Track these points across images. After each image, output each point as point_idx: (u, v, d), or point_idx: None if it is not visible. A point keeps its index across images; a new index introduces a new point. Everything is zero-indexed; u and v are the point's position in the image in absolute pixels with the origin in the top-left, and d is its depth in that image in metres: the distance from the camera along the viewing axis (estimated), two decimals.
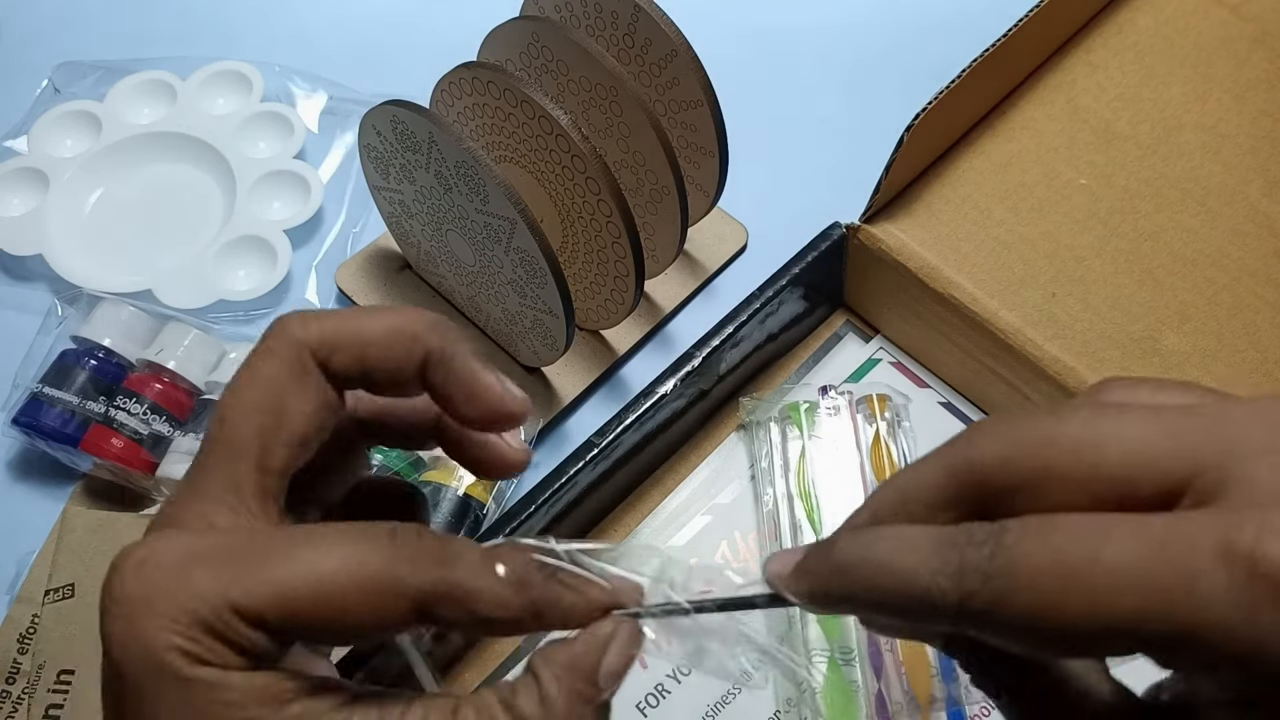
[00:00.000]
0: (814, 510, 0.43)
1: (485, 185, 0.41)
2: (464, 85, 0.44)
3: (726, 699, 0.42)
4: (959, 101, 0.45)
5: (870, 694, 0.39)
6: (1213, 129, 0.49)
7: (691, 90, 0.46)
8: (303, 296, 0.54)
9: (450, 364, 0.25)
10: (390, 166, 0.46)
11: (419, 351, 0.24)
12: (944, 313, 0.46)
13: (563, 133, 0.42)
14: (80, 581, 0.45)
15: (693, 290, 0.54)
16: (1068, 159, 0.48)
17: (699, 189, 0.49)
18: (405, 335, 0.24)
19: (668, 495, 0.47)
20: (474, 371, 0.25)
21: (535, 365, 0.50)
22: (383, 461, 0.44)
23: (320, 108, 0.60)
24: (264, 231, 0.54)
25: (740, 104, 0.50)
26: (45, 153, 0.56)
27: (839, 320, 0.51)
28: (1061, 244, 0.46)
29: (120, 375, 0.47)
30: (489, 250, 0.45)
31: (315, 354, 0.24)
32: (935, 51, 0.51)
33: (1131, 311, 0.44)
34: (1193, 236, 0.46)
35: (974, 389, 0.48)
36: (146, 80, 0.59)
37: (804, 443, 0.44)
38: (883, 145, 0.43)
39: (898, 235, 0.46)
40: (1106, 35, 0.52)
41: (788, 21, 0.63)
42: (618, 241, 0.44)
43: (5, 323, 0.53)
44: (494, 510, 0.45)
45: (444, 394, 0.25)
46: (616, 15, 0.45)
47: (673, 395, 0.44)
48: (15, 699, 0.43)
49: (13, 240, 0.54)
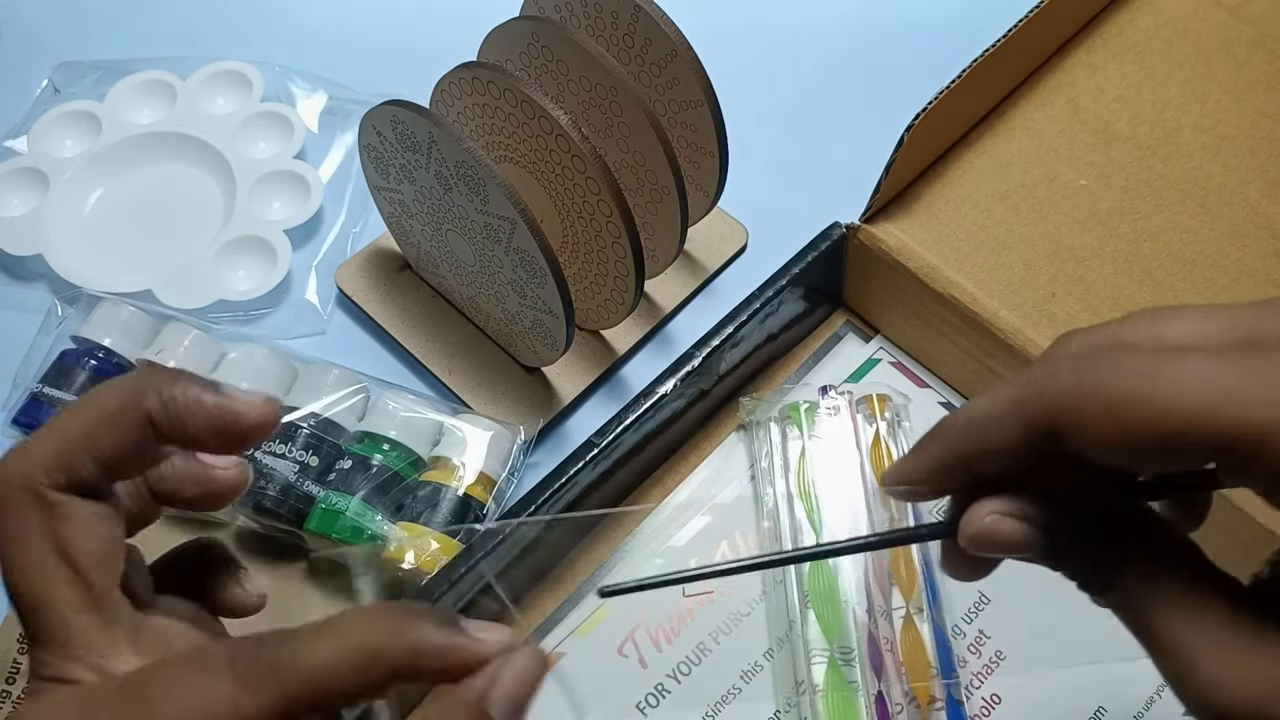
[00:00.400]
0: (814, 510, 0.43)
1: (485, 185, 0.42)
2: (464, 85, 0.44)
3: (726, 699, 0.42)
4: (959, 101, 0.45)
5: (870, 694, 0.39)
6: (1212, 130, 0.49)
7: (691, 90, 0.46)
8: (302, 296, 0.54)
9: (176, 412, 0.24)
10: (390, 166, 0.46)
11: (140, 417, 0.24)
12: (944, 313, 0.46)
13: (563, 133, 0.42)
14: None
15: (693, 290, 0.54)
16: (1068, 159, 0.48)
17: (699, 189, 0.49)
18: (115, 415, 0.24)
19: (668, 495, 0.47)
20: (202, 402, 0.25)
21: (535, 365, 0.50)
22: (382, 461, 0.44)
23: (320, 108, 0.60)
24: (264, 231, 0.54)
25: (740, 104, 0.50)
26: (45, 153, 0.56)
27: (839, 320, 0.51)
28: (1061, 244, 0.46)
29: (120, 375, 0.47)
30: (489, 250, 0.45)
31: (50, 479, 0.23)
32: (935, 51, 0.52)
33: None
34: (1192, 237, 0.46)
35: (974, 389, 0.48)
36: (146, 80, 0.59)
37: (804, 443, 0.44)
38: (883, 145, 0.43)
39: (898, 235, 0.46)
40: (1106, 36, 0.52)
41: (788, 22, 0.63)
42: (618, 241, 0.44)
43: (5, 323, 0.53)
44: (494, 510, 0.45)
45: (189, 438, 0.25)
46: (616, 15, 0.45)
47: (673, 395, 0.44)
48: (15, 699, 0.43)
49: (13, 240, 0.54)
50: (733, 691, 0.42)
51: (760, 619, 0.44)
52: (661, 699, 0.42)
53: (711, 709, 0.42)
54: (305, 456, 0.45)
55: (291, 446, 0.45)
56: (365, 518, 0.43)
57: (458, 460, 0.45)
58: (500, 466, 0.46)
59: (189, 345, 0.47)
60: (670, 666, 0.43)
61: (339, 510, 0.43)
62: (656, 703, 0.42)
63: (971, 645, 0.43)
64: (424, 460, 0.46)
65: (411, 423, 0.45)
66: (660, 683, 0.43)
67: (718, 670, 0.43)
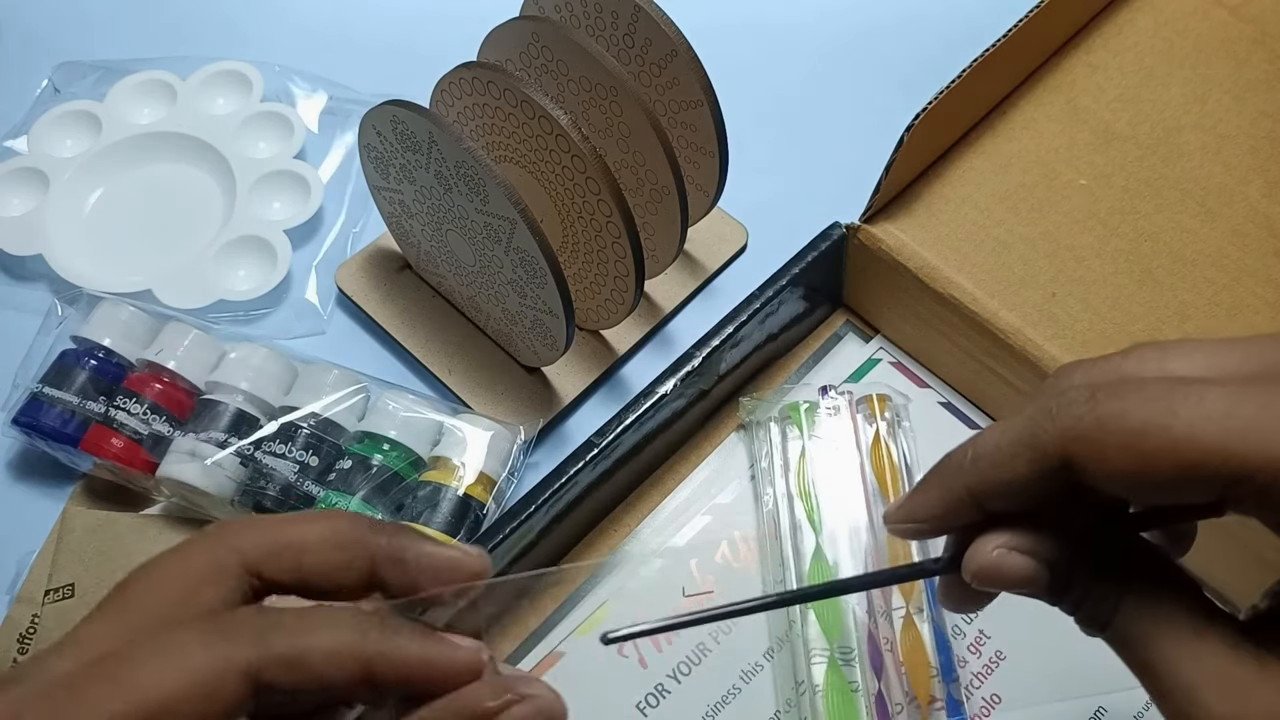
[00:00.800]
0: (814, 510, 0.43)
1: (485, 185, 0.42)
2: (464, 85, 0.44)
3: (727, 699, 0.42)
4: (959, 101, 0.45)
5: (870, 694, 0.39)
6: (1212, 130, 0.49)
7: (691, 90, 0.46)
8: (303, 296, 0.54)
9: (403, 559, 0.25)
10: (390, 166, 0.46)
11: (362, 558, 0.25)
12: (944, 313, 0.46)
13: (563, 133, 0.42)
14: (80, 581, 0.45)
15: (693, 290, 0.54)
16: (1068, 159, 0.48)
17: (699, 189, 0.49)
18: (345, 541, 0.25)
19: (668, 495, 0.47)
20: (431, 555, 0.25)
21: (535, 365, 0.50)
22: (382, 461, 0.44)
23: (320, 108, 0.60)
24: (264, 231, 0.54)
25: (740, 104, 0.50)
26: (45, 153, 0.56)
27: (839, 320, 0.51)
28: (1061, 244, 0.46)
29: (120, 375, 0.47)
30: (489, 250, 0.45)
31: (247, 558, 0.24)
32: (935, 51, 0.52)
33: (1131, 311, 0.44)
34: (1193, 237, 0.46)
35: (974, 389, 0.48)
36: (146, 80, 0.59)
37: (804, 443, 0.44)
38: (883, 145, 0.43)
39: (898, 235, 0.46)
40: (1106, 36, 0.52)
41: (788, 22, 0.63)
42: (618, 241, 0.44)
43: (5, 323, 0.53)
44: (494, 510, 0.45)
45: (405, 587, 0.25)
46: (616, 15, 0.45)
47: (673, 395, 0.44)
48: None
49: (13, 240, 0.54)
50: (733, 691, 0.42)
51: (760, 619, 0.44)
52: (661, 699, 0.42)
53: (711, 709, 0.42)
54: (305, 456, 0.45)
55: (291, 446, 0.45)
56: None
57: (458, 460, 0.45)
58: (500, 466, 0.46)
59: (189, 345, 0.47)
60: (670, 666, 0.43)
61: None
62: (656, 703, 0.42)
63: (971, 645, 0.43)
64: (424, 460, 0.46)
65: (411, 423, 0.45)
66: (660, 683, 0.43)
67: (718, 670, 0.43)
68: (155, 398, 0.46)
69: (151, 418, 0.46)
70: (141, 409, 0.46)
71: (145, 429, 0.46)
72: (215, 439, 0.45)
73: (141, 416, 0.46)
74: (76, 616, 0.44)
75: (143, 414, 0.46)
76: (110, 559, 0.46)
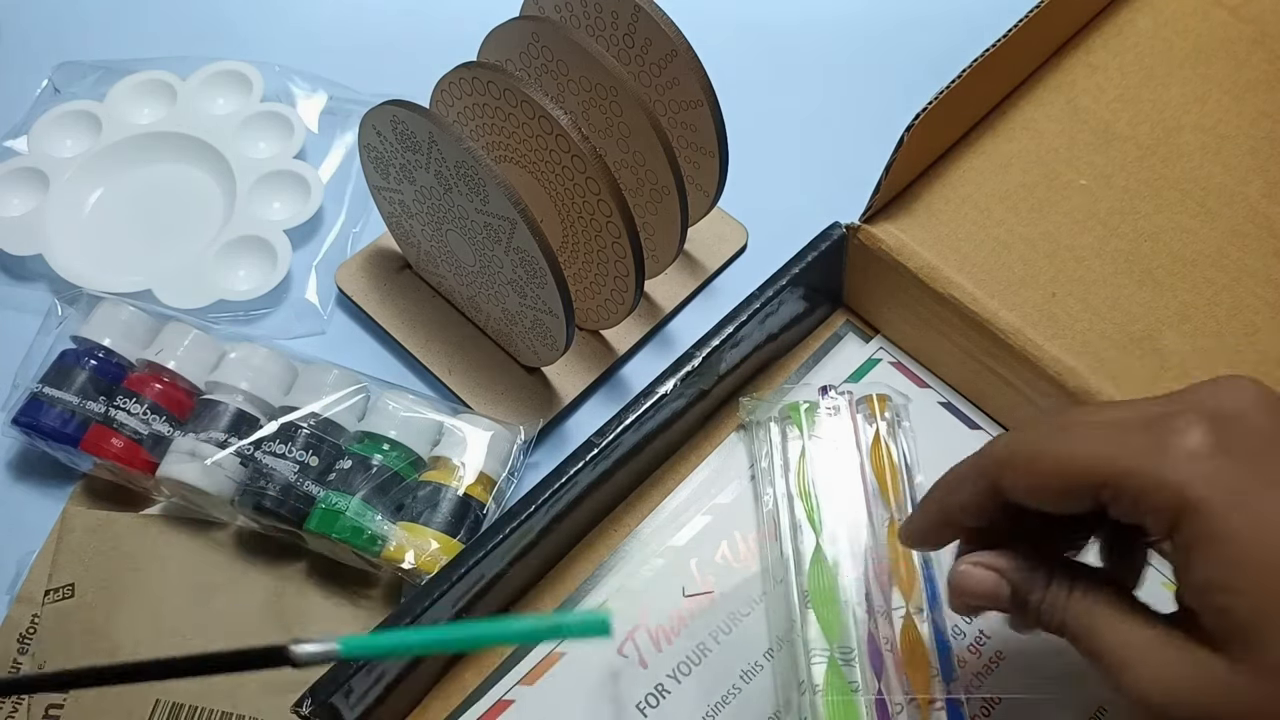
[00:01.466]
0: (814, 510, 0.43)
1: (485, 185, 0.42)
2: (464, 85, 0.44)
3: (726, 699, 0.42)
4: (959, 101, 0.45)
5: (870, 694, 0.39)
6: (1212, 130, 0.49)
7: (691, 90, 0.46)
8: (303, 297, 0.54)
9: None
10: (390, 166, 0.46)
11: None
12: (944, 313, 0.46)
13: (563, 133, 0.42)
14: (80, 581, 0.45)
15: (693, 290, 0.54)
16: (1068, 159, 0.48)
17: (699, 189, 0.49)
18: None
19: (668, 495, 0.47)
20: None
21: (535, 365, 0.50)
22: (382, 461, 0.44)
23: (320, 108, 0.60)
24: (264, 231, 0.54)
25: (740, 104, 0.50)
26: (45, 153, 0.56)
27: (839, 320, 0.51)
28: (1061, 244, 0.46)
29: (120, 375, 0.47)
30: (489, 250, 0.45)
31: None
32: (935, 51, 0.51)
33: (1131, 311, 0.44)
34: (1193, 237, 0.46)
35: (974, 389, 0.48)
36: (146, 80, 0.59)
37: (804, 443, 0.44)
38: (883, 145, 0.43)
39: (898, 235, 0.46)
40: (1106, 36, 0.52)
41: (788, 21, 0.63)
42: (618, 241, 0.44)
43: (5, 323, 0.53)
44: (494, 510, 0.45)
45: None
46: (616, 15, 0.45)
47: (673, 395, 0.44)
48: (15, 699, 0.43)
49: (13, 240, 0.54)
50: (733, 691, 0.42)
51: (760, 619, 0.44)
52: (661, 699, 0.42)
53: (711, 709, 0.42)
54: (305, 456, 0.45)
55: (291, 446, 0.45)
56: (365, 518, 0.43)
57: (458, 460, 0.45)
58: (500, 466, 0.46)
59: (189, 345, 0.47)
60: (670, 666, 0.43)
61: (339, 510, 0.43)
62: (656, 703, 0.42)
63: (971, 645, 0.43)
64: (424, 460, 0.46)
65: (411, 423, 0.45)
66: (660, 683, 0.43)
67: (718, 670, 0.43)
68: (155, 398, 0.46)
69: (151, 418, 0.46)
70: (141, 409, 0.46)
71: (145, 429, 0.46)
72: (215, 439, 0.45)
73: (141, 416, 0.46)
74: (77, 616, 0.44)
75: (143, 414, 0.46)
76: (110, 559, 0.46)
